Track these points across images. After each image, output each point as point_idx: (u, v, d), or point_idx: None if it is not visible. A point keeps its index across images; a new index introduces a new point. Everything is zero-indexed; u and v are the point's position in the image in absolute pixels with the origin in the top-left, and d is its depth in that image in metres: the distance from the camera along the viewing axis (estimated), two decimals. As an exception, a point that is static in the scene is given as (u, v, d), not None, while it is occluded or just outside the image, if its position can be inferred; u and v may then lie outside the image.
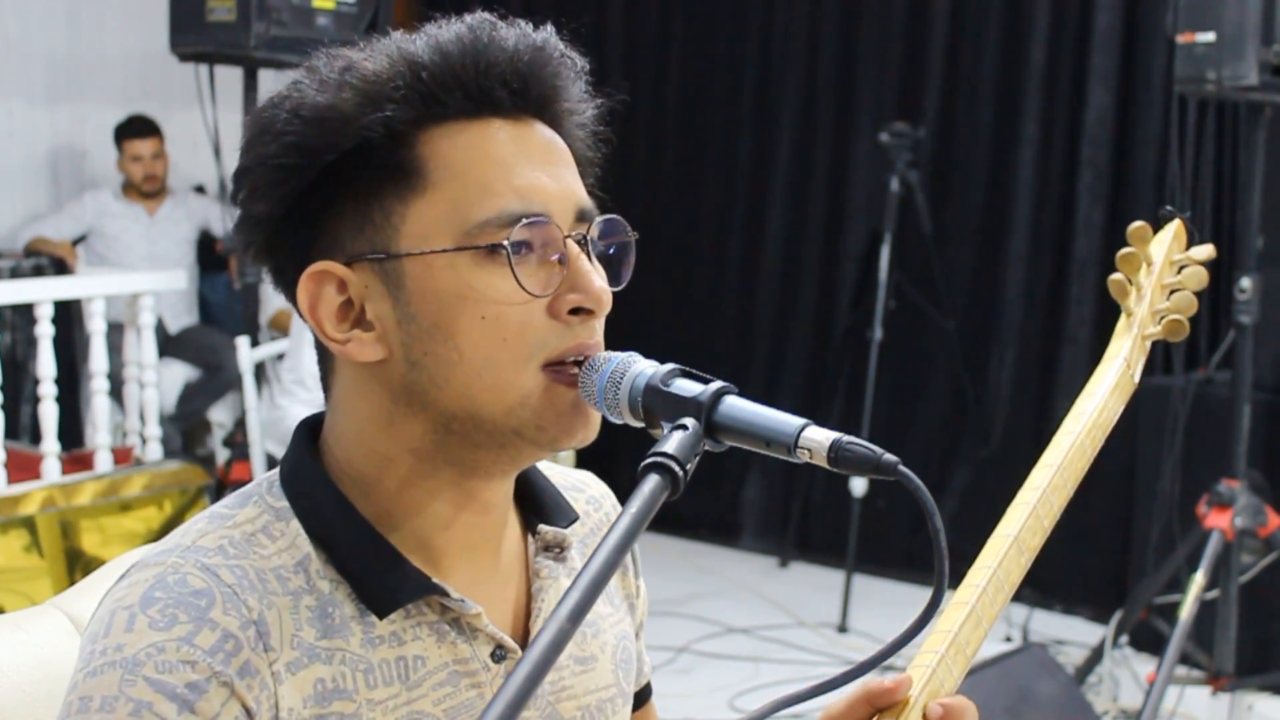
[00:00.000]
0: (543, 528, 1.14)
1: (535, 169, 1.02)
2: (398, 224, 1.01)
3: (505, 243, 0.99)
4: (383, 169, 1.00)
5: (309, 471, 1.06)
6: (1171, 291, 1.28)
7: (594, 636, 1.17)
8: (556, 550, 1.14)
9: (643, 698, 1.28)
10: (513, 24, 1.05)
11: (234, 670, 0.95)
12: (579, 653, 1.15)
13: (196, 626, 0.95)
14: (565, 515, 1.15)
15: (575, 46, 1.08)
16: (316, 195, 1.02)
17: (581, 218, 1.04)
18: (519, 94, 1.03)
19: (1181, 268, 1.29)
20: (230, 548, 1.01)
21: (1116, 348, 1.27)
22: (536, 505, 1.15)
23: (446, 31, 1.03)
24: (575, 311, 1.01)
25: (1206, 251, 1.30)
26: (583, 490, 1.24)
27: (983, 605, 1.09)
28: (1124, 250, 1.27)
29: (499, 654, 1.06)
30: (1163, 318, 1.27)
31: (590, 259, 1.03)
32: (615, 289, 1.06)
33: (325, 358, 1.08)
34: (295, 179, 1.01)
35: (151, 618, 0.95)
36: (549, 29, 1.06)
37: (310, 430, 1.10)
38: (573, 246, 1.02)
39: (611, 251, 1.07)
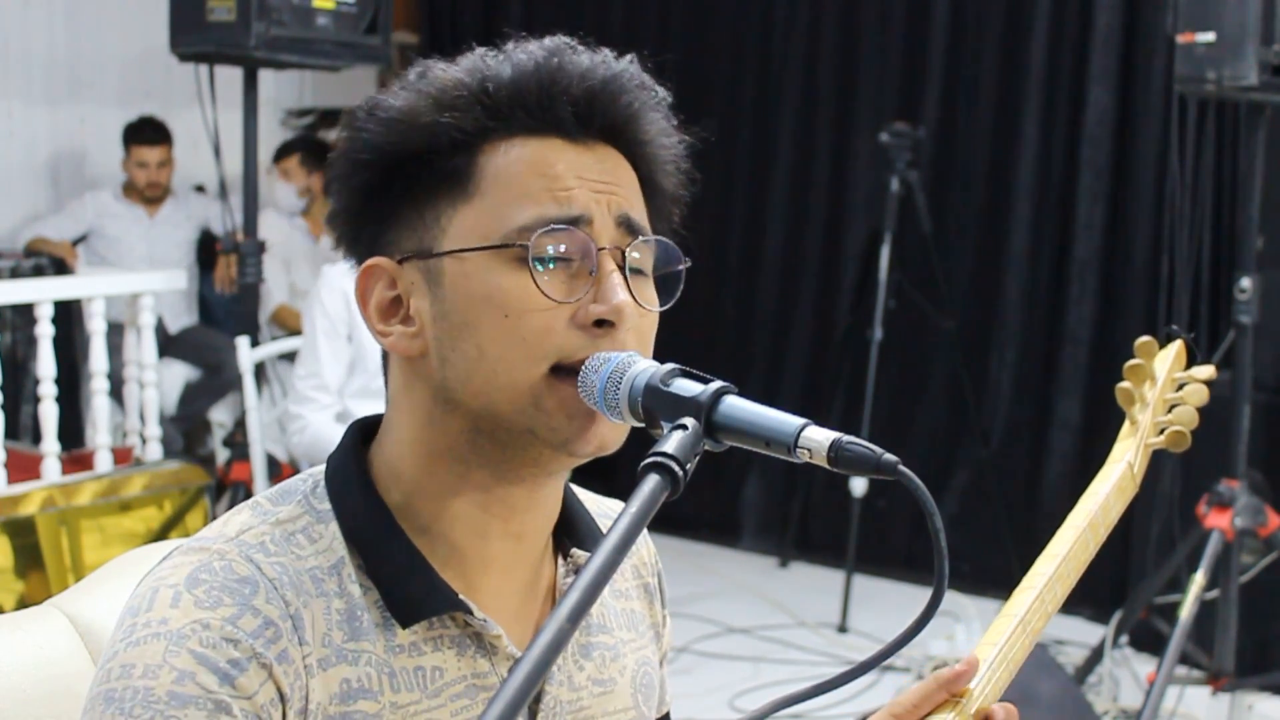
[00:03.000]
0: (575, 551, 1.15)
1: (583, 183, 1.04)
2: (445, 226, 1.04)
3: (527, 244, 1.01)
4: (440, 173, 1.04)
5: (353, 476, 1.08)
6: (1172, 406, 1.36)
7: (613, 660, 1.18)
8: None
9: None
10: (596, 50, 1.07)
11: (273, 655, 0.97)
12: (598, 675, 1.15)
13: (240, 610, 0.97)
14: (598, 541, 1.15)
15: (659, 79, 1.10)
16: (385, 194, 1.06)
17: (627, 232, 1.05)
18: (583, 116, 1.05)
19: (1182, 385, 1.38)
20: (271, 545, 1.03)
21: (1121, 451, 1.34)
22: (570, 528, 1.16)
23: (524, 51, 1.06)
24: (600, 324, 1.02)
25: (1207, 372, 1.38)
26: (613, 518, 1.24)
27: (988, 681, 1.15)
28: (1131, 362, 1.35)
29: None
30: (1164, 429, 1.34)
31: (624, 274, 1.03)
32: (665, 306, 1.08)
33: (385, 353, 1.11)
34: (365, 173, 1.06)
35: (197, 597, 0.98)
36: (631, 59, 1.09)
37: (361, 431, 1.12)
38: (605, 259, 1.03)
39: (674, 272, 1.09)
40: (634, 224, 1.05)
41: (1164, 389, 1.36)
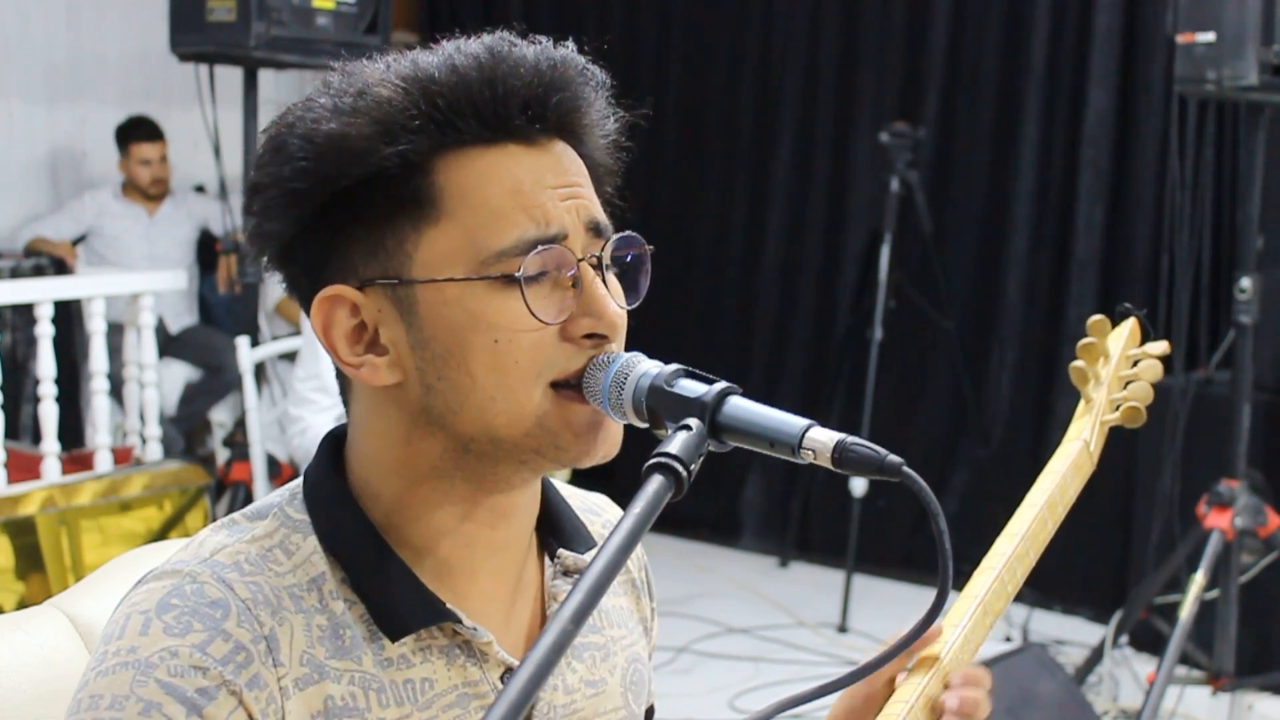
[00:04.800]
0: (562, 552, 1.14)
1: (550, 192, 1.01)
2: (410, 251, 1.00)
3: (519, 275, 0.98)
4: (396, 197, 1.00)
5: (332, 488, 1.06)
6: (1127, 383, 1.36)
7: (604, 660, 1.17)
8: (575, 576, 1.14)
9: None
10: (532, 41, 1.03)
11: (243, 681, 0.96)
12: (590, 676, 1.15)
13: (210, 635, 0.96)
14: (585, 541, 1.15)
15: (598, 61, 1.07)
16: (329, 218, 1.01)
17: (596, 236, 1.03)
18: (536, 118, 1.02)
19: (1136, 361, 1.37)
20: (246, 564, 1.01)
21: (1076, 430, 1.34)
22: (556, 529, 1.15)
23: (463, 52, 1.01)
24: (589, 336, 1.01)
25: (1161, 347, 1.38)
26: (598, 514, 1.24)
27: (951, 662, 1.15)
28: (1084, 340, 1.34)
29: (509, 677, 1.06)
30: (1119, 406, 1.34)
31: (605, 280, 1.02)
32: (633, 305, 1.06)
33: (343, 376, 1.08)
34: (307, 202, 1.00)
35: (167, 623, 0.97)
36: (569, 45, 1.05)
37: (336, 443, 1.10)
38: (587, 270, 1.01)
39: (629, 259, 1.06)
40: (601, 226, 1.04)
41: (1118, 366, 1.36)
